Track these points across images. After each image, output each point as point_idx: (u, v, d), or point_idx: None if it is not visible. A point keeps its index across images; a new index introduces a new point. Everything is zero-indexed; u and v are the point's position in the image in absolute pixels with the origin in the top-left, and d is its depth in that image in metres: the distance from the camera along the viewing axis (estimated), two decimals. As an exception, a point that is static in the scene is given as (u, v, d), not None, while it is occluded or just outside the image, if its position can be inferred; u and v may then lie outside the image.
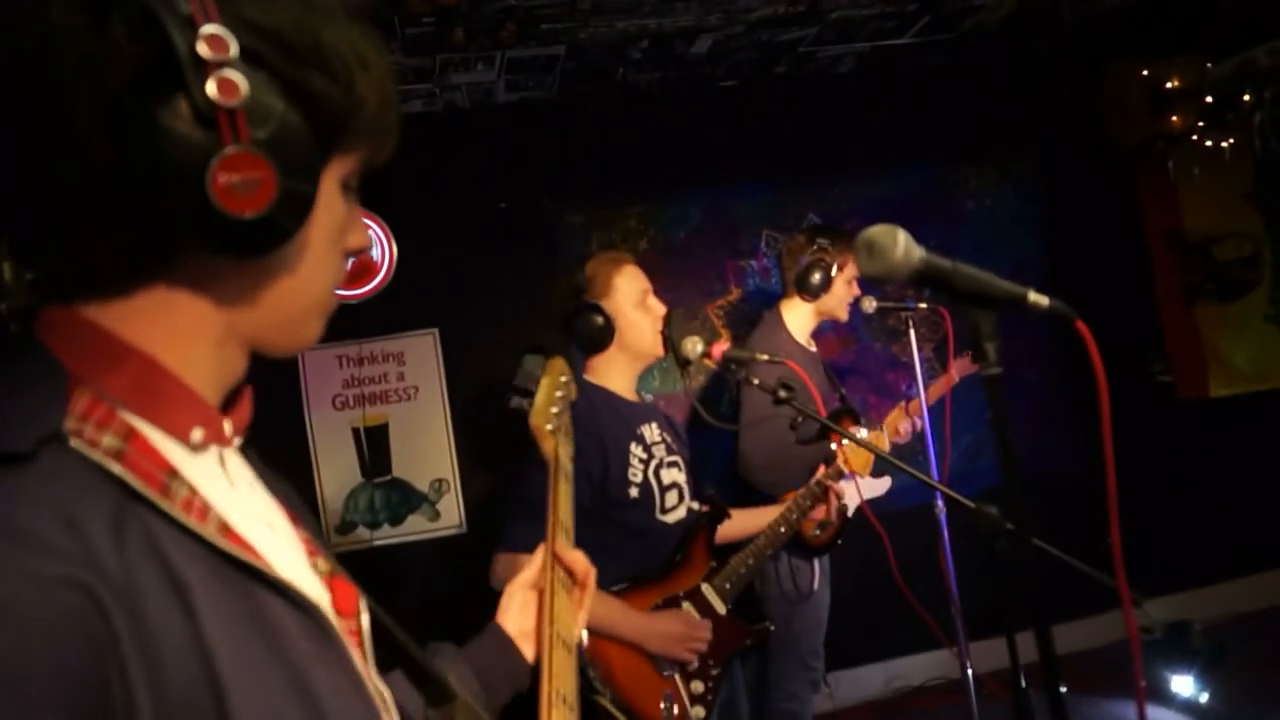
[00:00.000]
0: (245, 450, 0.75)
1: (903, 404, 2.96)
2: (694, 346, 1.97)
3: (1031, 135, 4.12)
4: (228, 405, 0.65)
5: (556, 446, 1.26)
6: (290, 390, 3.49)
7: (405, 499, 3.56)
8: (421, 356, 3.60)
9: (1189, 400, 4.08)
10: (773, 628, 2.05)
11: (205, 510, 0.56)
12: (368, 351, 3.55)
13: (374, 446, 3.55)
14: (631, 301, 2.00)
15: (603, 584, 1.80)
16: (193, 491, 0.56)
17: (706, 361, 2.00)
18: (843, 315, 2.91)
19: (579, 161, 3.79)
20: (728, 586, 1.97)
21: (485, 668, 1.00)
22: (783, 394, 1.90)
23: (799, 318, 2.86)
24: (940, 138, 4.02)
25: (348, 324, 3.52)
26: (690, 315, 3.82)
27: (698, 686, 1.81)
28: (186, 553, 0.52)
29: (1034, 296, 0.88)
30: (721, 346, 1.98)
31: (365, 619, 0.74)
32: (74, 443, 0.51)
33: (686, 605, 1.89)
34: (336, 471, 3.52)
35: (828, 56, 3.76)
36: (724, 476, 2.86)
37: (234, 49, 0.50)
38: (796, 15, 3.23)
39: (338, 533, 3.52)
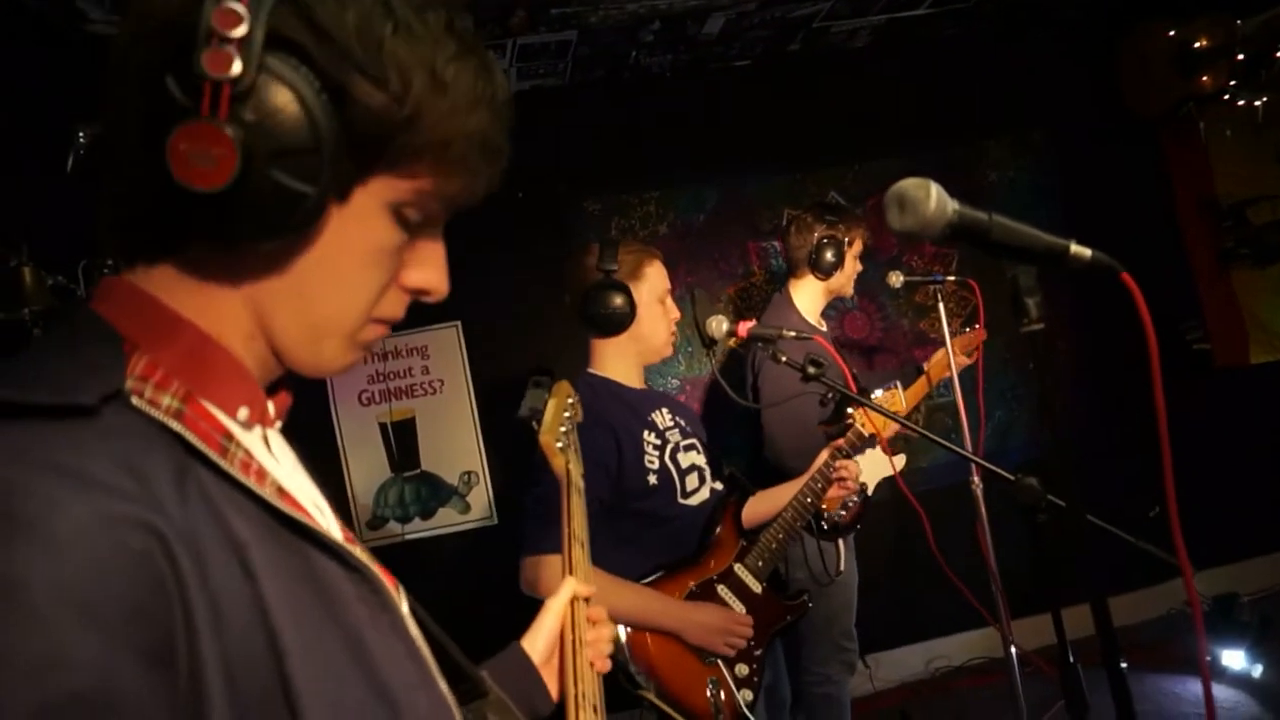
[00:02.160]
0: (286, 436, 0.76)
1: (932, 361, 2.88)
2: (719, 325, 1.94)
3: (1051, 104, 4.03)
4: (271, 391, 0.66)
5: (567, 464, 1.28)
6: (316, 387, 3.50)
7: (435, 492, 3.57)
8: (445, 349, 3.59)
9: (1227, 368, 3.98)
10: (810, 602, 2.01)
11: (263, 473, 0.57)
12: (392, 346, 3.55)
13: (402, 441, 3.55)
14: (655, 295, 1.96)
15: (633, 575, 1.79)
16: (249, 455, 0.57)
17: (732, 341, 1.97)
18: (849, 291, 2.88)
19: (595, 147, 3.76)
20: (760, 564, 1.94)
21: (507, 689, 0.95)
22: (811, 370, 1.86)
23: (809, 297, 2.82)
24: (959, 110, 3.95)
25: (371, 320, 3.53)
26: (714, 297, 3.78)
27: (742, 670, 1.78)
28: (243, 513, 0.53)
29: (1076, 249, 0.85)
30: (747, 324, 1.94)
31: (404, 608, 0.74)
32: (135, 400, 0.52)
33: (722, 588, 1.86)
34: (366, 467, 3.53)
35: (842, 31, 3.70)
36: (750, 466, 2.83)
37: (245, 28, 0.49)
38: (809, -12, 3.18)
39: (369, 528, 3.53)
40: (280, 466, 0.64)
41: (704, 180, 3.82)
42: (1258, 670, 3.20)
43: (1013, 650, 2.69)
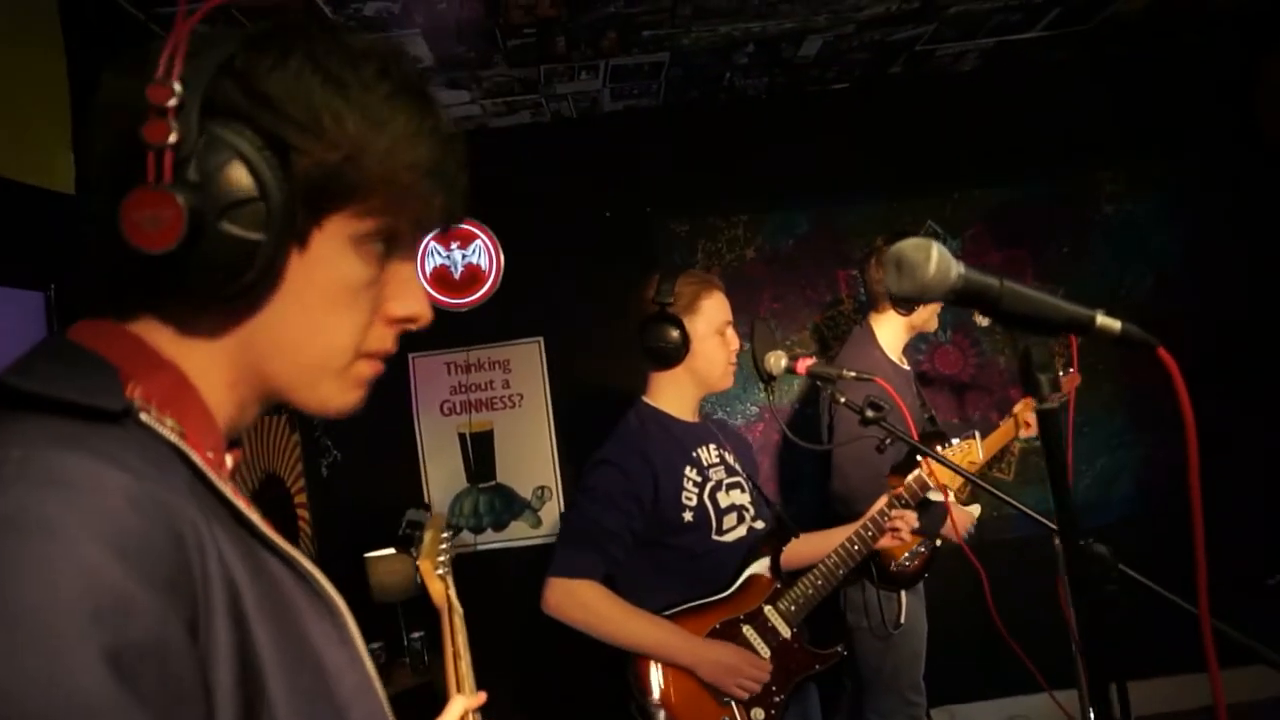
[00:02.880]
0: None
1: (1021, 404, 2.73)
2: (778, 361, 1.88)
3: (1176, 134, 3.77)
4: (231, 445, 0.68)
5: (446, 590, 1.34)
6: (401, 396, 3.61)
7: (508, 505, 3.62)
8: (526, 364, 3.64)
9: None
10: (845, 652, 1.92)
11: (249, 502, 0.60)
12: (475, 359, 3.62)
13: (479, 452, 3.62)
14: (713, 327, 1.93)
15: (660, 606, 1.76)
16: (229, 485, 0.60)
17: (792, 374, 1.91)
18: (933, 327, 2.76)
19: (685, 169, 3.75)
20: (793, 609, 1.86)
21: None
22: (870, 414, 1.78)
23: (891, 332, 2.71)
24: (1072, 139, 3.74)
25: (456, 332, 3.62)
26: (773, 329, 3.70)
27: (758, 714, 1.72)
28: (233, 537, 0.55)
29: (1103, 320, 0.77)
30: (807, 362, 1.88)
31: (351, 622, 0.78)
32: (144, 417, 0.55)
33: (748, 629, 1.80)
34: (443, 475, 3.61)
35: (948, 54, 3.57)
36: (819, 500, 2.75)
37: (176, 100, 0.54)
38: (910, 12, 3.07)
39: (442, 536, 3.60)
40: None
41: (796, 205, 3.75)
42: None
43: (1092, 716, 2.50)
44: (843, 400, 1.85)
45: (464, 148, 0.67)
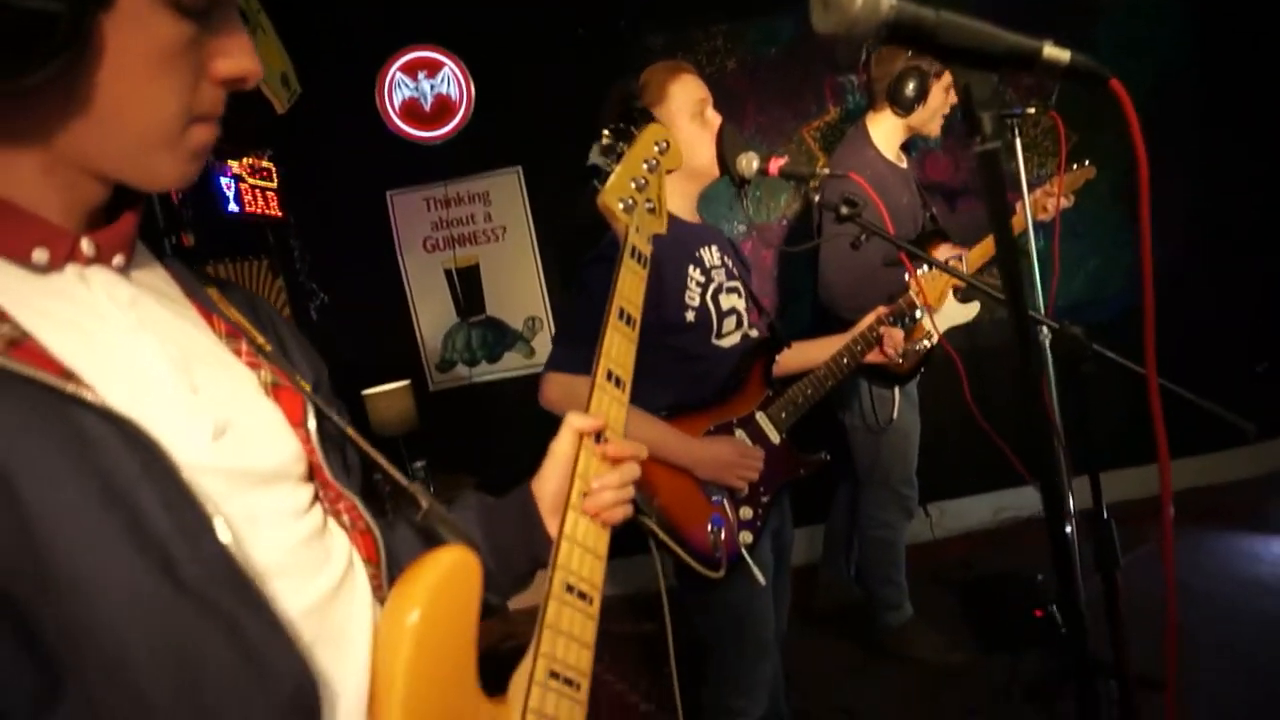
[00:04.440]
0: (169, 264, 0.76)
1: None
2: (749, 163, 1.82)
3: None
4: (99, 226, 0.64)
5: (631, 226, 1.10)
6: (382, 235, 3.56)
7: (501, 337, 3.64)
8: (507, 195, 3.56)
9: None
10: (828, 457, 1.97)
11: None
12: (454, 193, 3.55)
13: (467, 287, 3.61)
14: (687, 112, 1.85)
15: (653, 408, 1.78)
16: None
17: (765, 175, 1.85)
18: (935, 130, 2.65)
19: (659, -25, 3.52)
20: (783, 415, 1.90)
21: (501, 530, 0.94)
22: (844, 210, 1.75)
23: (886, 132, 2.62)
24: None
25: (432, 166, 3.52)
26: (738, 133, 3.57)
27: (746, 513, 1.78)
28: None
29: (1050, 51, 0.72)
30: (779, 162, 1.82)
31: (313, 424, 0.76)
32: None
33: (740, 432, 1.83)
34: (433, 313, 3.62)
35: None
36: (813, 313, 2.75)
37: None
38: None
39: (438, 370, 3.66)
40: (87, 309, 0.62)
41: (776, 10, 3.54)
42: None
43: (1071, 506, 2.61)
44: (817, 199, 1.81)
45: None
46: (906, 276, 2.24)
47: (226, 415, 0.65)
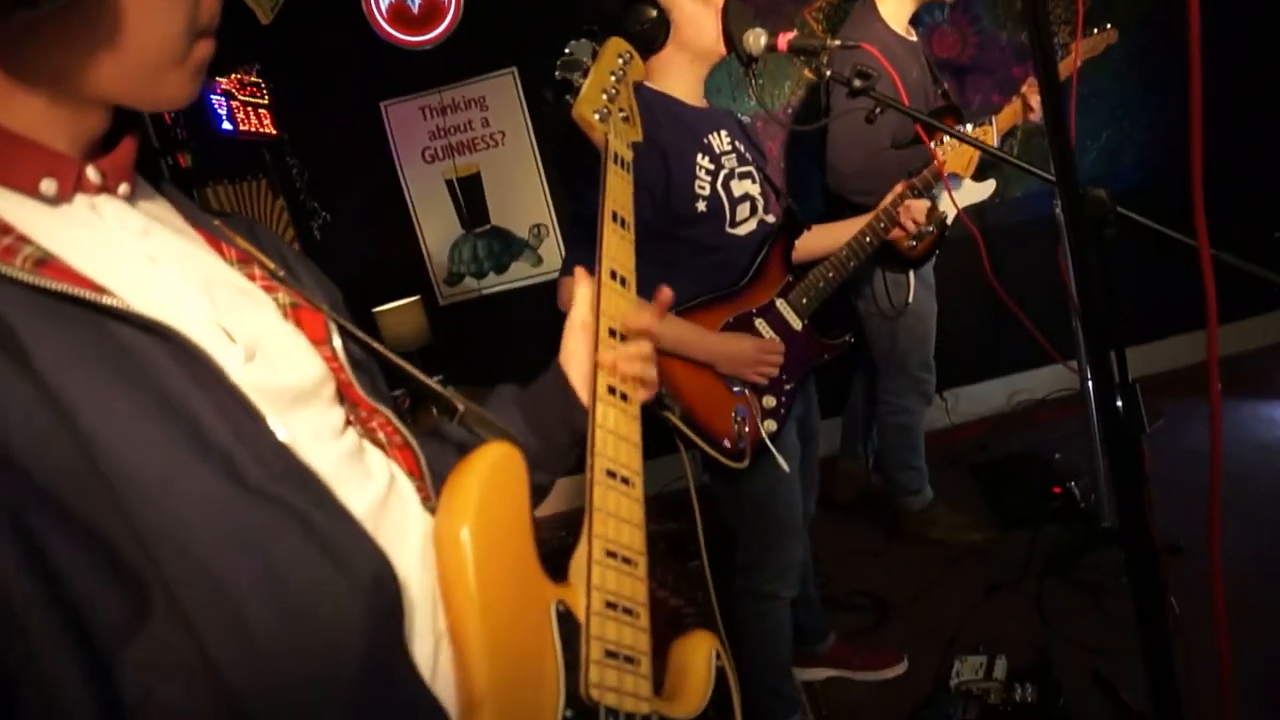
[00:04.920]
0: (168, 192, 0.75)
1: (1027, 85, 2.61)
2: (757, 40, 1.75)
3: None
4: (100, 155, 0.63)
5: (609, 134, 1.12)
6: (379, 148, 3.48)
7: (507, 247, 3.60)
8: (503, 99, 3.47)
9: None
10: (852, 339, 1.96)
11: (13, 250, 0.54)
12: (449, 99, 3.45)
13: (469, 197, 3.55)
14: None
15: (673, 303, 1.76)
16: (14, 236, 0.55)
17: (774, 51, 1.78)
18: None
19: None
20: (804, 301, 1.87)
21: (539, 410, 0.96)
22: (858, 83, 1.68)
23: (894, 4, 2.52)
24: None
25: (425, 73, 3.42)
26: (745, 9, 3.44)
27: (770, 401, 1.78)
28: (3, 297, 0.52)
29: None
30: (787, 36, 1.74)
31: (337, 342, 0.75)
32: None
33: (760, 322, 1.82)
34: (437, 225, 3.57)
35: None
36: (825, 199, 2.70)
37: None
38: None
39: (446, 284, 3.63)
40: (104, 236, 0.61)
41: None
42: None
43: (1088, 385, 2.61)
44: (829, 74, 1.74)
45: None
46: (934, 146, 2.18)
47: (253, 338, 0.64)
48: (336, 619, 0.57)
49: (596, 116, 1.14)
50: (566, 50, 1.25)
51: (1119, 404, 1.39)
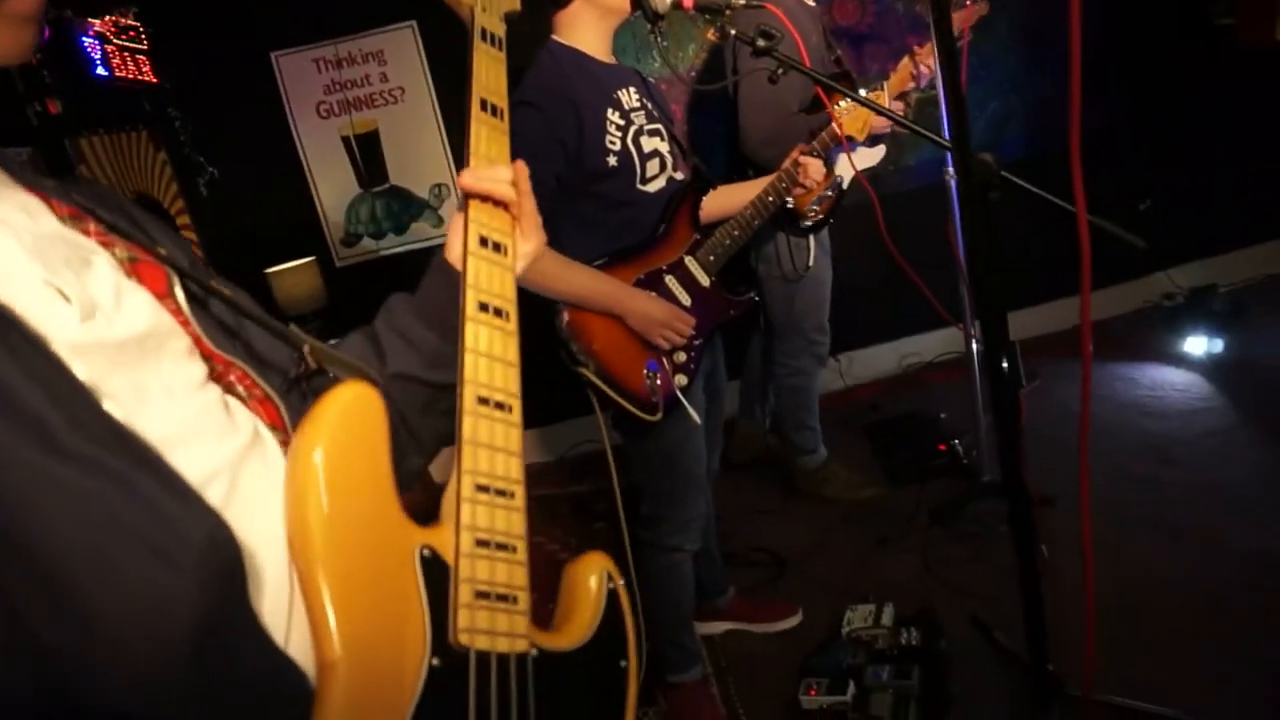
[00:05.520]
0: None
1: (911, 51, 2.68)
2: (663, -3, 1.75)
3: None
4: None
5: (476, 7, 0.97)
6: (271, 102, 3.33)
7: (406, 206, 3.51)
8: (403, 53, 3.36)
9: (1250, 47, 3.69)
10: (757, 298, 2.01)
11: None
12: (345, 52, 3.32)
13: (367, 155, 3.44)
14: None
15: (584, 259, 1.77)
16: None
17: (680, 10, 1.78)
18: None
19: None
20: (711, 259, 1.91)
21: (433, 308, 0.90)
22: (761, 43, 1.71)
23: (796, -33, 2.56)
24: None
25: (319, 24, 3.28)
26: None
27: (680, 357, 1.81)
28: None
29: None
30: (693, -7, 1.75)
31: (179, 294, 0.73)
32: None
33: (670, 279, 1.84)
34: (333, 184, 3.45)
35: None
36: (729, 160, 2.73)
37: None
38: None
39: (343, 245, 3.52)
40: None
41: None
42: (1218, 345, 3.30)
43: (974, 347, 2.75)
44: (734, 33, 1.76)
45: None
46: (834, 109, 2.23)
47: (90, 295, 0.62)
48: (164, 582, 0.55)
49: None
50: None
51: (1004, 363, 1.48)
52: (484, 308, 0.80)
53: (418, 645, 0.67)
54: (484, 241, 0.84)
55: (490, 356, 0.80)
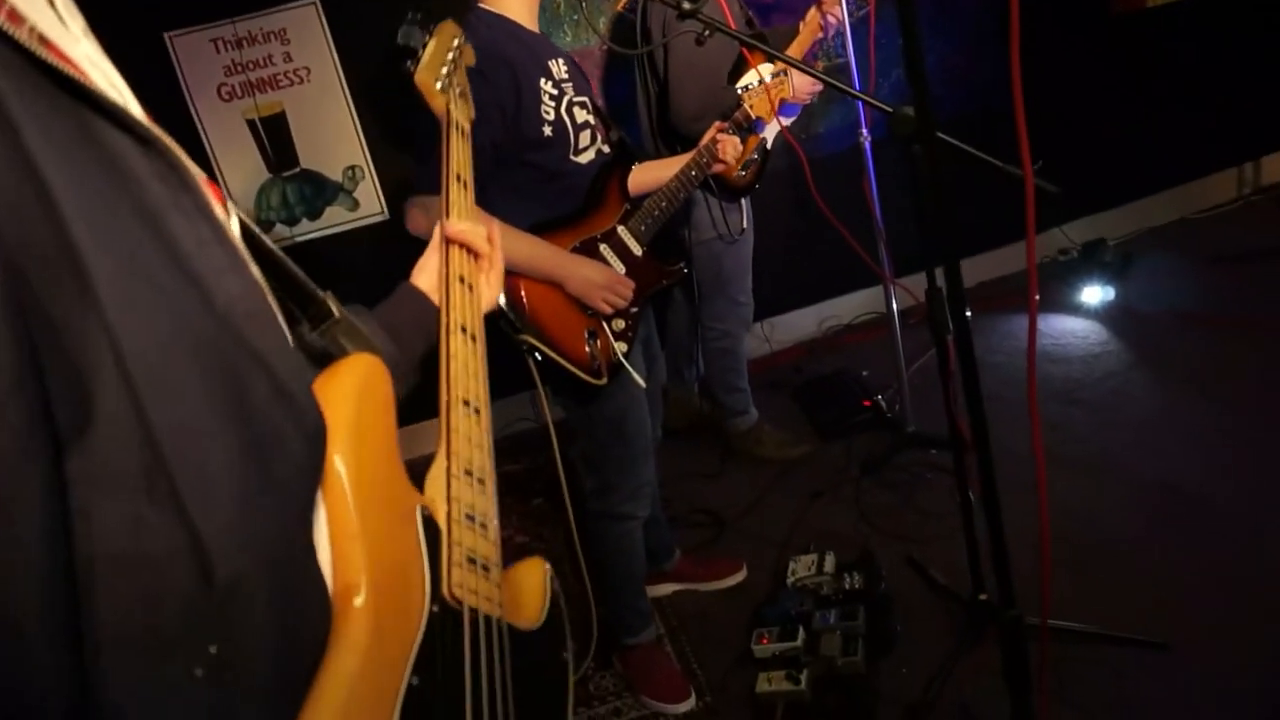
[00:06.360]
0: None
1: (819, 2, 2.74)
2: (588, -33, 1.76)
3: None
4: None
5: (448, 104, 1.17)
6: (167, 85, 3.17)
7: (319, 191, 3.41)
8: (307, 32, 3.25)
9: (1124, 12, 3.92)
10: (687, 269, 2.06)
11: (17, 16, 0.47)
12: (244, 31, 3.19)
13: (274, 138, 3.32)
14: None
15: (519, 227, 1.77)
16: (8, 9, 0.47)
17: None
18: None
19: None
20: (643, 229, 1.94)
21: (396, 322, 0.97)
22: (687, 5, 1.74)
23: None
24: None
25: (216, 2, 3.14)
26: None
27: (619, 324, 1.84)
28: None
29: None
30: (618, -38, 1.77)
31: (234, 222, 0.71)
32: None
33: (604, 247, 1.86)
34: (240, 169, 3.32)
35: None
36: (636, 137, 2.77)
37: None
38: None
39: (255, 232, 3.40)
40: (65, 29, 0.54)
41: None
42: (1110, 294, 3.53)
43: (894, 304, 2.86)
44: None
45: None
46: (740, 89, 2.28)
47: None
48: (288, 463, 0.57)
49: (438, 85, 1.17)
50: (399, 34, 1.27)
51: (945, 311, 1.54)
52: (462, 329, 0.95)
53: (419, 590, 0.73)
54: (461, 279, 1.00)
55: (466, 367, 0.93)
